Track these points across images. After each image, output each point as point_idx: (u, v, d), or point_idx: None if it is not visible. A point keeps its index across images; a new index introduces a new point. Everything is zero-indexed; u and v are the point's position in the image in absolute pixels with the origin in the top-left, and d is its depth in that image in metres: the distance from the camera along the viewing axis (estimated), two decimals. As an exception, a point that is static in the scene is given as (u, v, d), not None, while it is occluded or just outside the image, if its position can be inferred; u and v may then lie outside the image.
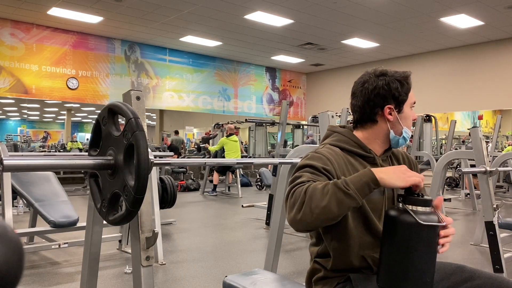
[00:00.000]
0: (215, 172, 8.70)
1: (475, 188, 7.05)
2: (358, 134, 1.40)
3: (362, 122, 1.40)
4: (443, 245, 1.16)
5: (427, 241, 1.12)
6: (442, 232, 1.15)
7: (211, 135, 12.65)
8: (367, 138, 1.39)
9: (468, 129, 12.51)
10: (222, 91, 12.85)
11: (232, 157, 8.10)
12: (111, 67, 10.65)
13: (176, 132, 14.01)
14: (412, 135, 1.39)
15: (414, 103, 1.42)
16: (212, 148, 8.86)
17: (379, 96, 1.35)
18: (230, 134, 8.42)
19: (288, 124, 9.25)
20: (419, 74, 11.67)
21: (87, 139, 19.01)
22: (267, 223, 5.07)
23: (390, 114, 1.36)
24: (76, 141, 14.86)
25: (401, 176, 1.12)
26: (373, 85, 1.36)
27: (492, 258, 3.16)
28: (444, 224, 1.13)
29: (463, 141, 13.24)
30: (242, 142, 13.94)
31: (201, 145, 12.30)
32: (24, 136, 22.60)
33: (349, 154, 1.35)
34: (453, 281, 1.29)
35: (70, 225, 3.45)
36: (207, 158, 9.38)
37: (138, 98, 1.59)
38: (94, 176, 1.45)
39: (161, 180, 4.80)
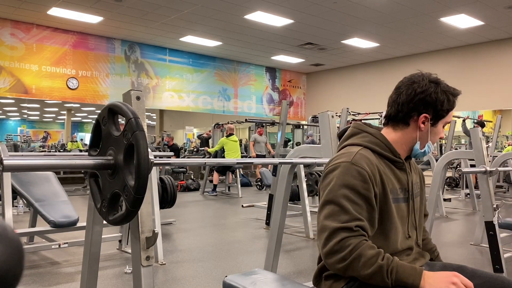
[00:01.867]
0: (215, 172, 8.70)
1: (475, 188, 7.05)
2: (388, 134, 1.38)
3: (395, 120, 1.37)
4: None
5: None
6: None
7: (210, 136, 12.66)
8: (396, 141, 1.37)
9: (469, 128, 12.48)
10: (222, 91, 12.85)
11: (232, 157, 8.10)
12: (111, 67, 10.66)
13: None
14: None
15: (448, 123, 1.40)
16: (212, 149, 8.87)
17: (423, 101, 1.32)
18: (230, 134, 8.42)
19: (288, 124, 9.26)
20: (419, 74, 11.66)
21: (81, 140, 18.99)
22: (267, 223, 5.07)
23: (424, 123, 1.33)
24: (76, 141, 14.74)
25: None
26: (422, 88, 1.32)
27: (492, 258, 3.16)
28: None
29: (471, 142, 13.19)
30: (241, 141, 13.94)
31: (200, 148, 12.28)
32: (24, 136, 22.61)
33: (380, 157, 1.34)
34: None
35: (70, 225, 3.45)
36: (207, 158, 9.38)
37: (138, 98, 1.59)
38: (94, 176, 1.45)
39: (161, 180, 4.80)
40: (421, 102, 1.31)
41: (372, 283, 1.20)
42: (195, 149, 12.84)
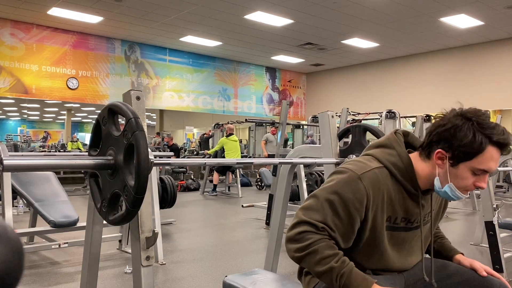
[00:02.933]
0: (215, 172, 8.70)
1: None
2: (417, 162, 1.27)
3: (426, 149, 1.25)
4: None
5: None
6: None
7: (210, 135, 12.65)
8: (419, 171, 1.26)
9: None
10: (222, 91, 12.85)
11: (232, 157, 8.10)
12: (111, 67, 10.66)
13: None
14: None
15: (485, 172, 1.18)
16: (212, 150, 8.86)
17: (440, 135, 1.20)
18: (230, 134, 8.42)
19: (288, 124, 9.25)
20: (419, 74, 11.67)
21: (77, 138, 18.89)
22: (267, 223, 5.07)
23: (441, 160, 1.21)
24: (77, 141, 14.62)
25: None
26: (445, 120, 1.20)
27: (492, 258, 3.16)
28: None
29: None
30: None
31: (199, 152, 12.27)
32: (24, 136, 22.62)
33: (396, 182, 1.26)
34: (437, 278, 1.34)
35: (70, 225, 3.45)
36: (207, 158, 9.38)
37: (138, 98, 1.59)
38: (94, 176, 1.45)
39: (161, 180, 4.80)
40: (438, 135, 1.20)
41: (323, 282, 1.24)
42: (194, 152, 12.83)
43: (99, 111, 1.42)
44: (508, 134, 1.17)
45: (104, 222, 1.56)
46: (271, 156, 9.28)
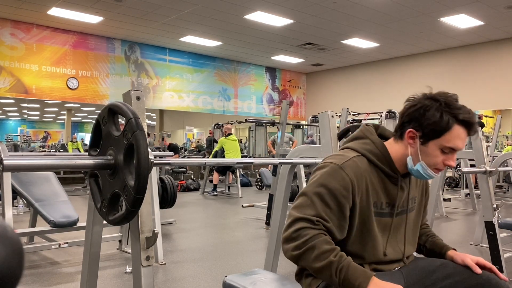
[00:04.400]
0: (215, 172, 8.69)
1: (475, 188, 7.05)
2: (391, 146, 1.34)
3: (398, 131, 1.33)
4: None
5: None
6: None
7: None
8: (395, 154, 1.33)
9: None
10: (222, 91, 12.85)
11: (232, 156, 8.09)
12: (111, 67, 10.66)
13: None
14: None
15: (453, 150, 1.26)
16: (212, 152, 8.83)
17: (411, 115, 1.27)
18: (229, 134, 8.41)
19: (288, 124, 9.25)
20: (419, 74, 11.67)
21: (81, 140, 18.90)
22: (267, 223, 5.07)
23: (412, 139, 1.28)
24: (76, 141, 14.49)
25: None
26: (416, 101, 1.28)
27: (492, 258, 3.16)
28: None
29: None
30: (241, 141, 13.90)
31: (206, 150, 12.22)
32: (24, 136, 22.63)
33: (375, 168, 1.32)
34: (435, 278, 1.35)
35: (70, 225, 3.45)
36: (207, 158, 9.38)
37: (138, 98, 1.59)
38: (94, 176, 1.45)
39: (161, 180, 4.80)
40: (409, 116, 1.28)
41: (321, 278, 1.24)
42: (198, 150, 12.77)
43: (99, 111, 1.42)
44: (473, 115, 1.25)
45: (104, 222, 1.56)
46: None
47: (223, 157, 8.16)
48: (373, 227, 1.30)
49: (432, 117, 1.23)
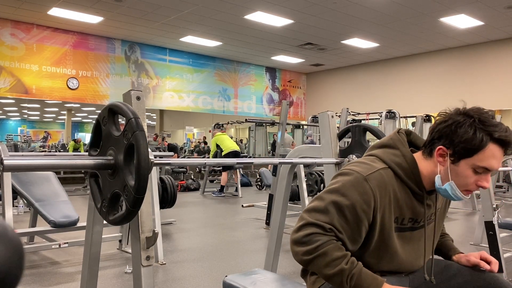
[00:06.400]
0: (223, 172, 8.59)
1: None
2: (420, 162, 1.26)
3: (428, 147, 1.25)
4: None
5: None
6: None
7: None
8: (423, 170, 1.25)
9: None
10: (222, 91, 12.85)
11: (231, 147, 7.99)
12: (111, 67, 10.66)
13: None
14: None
15: (487, 170, 1.16)
16: (211, 153, 8.77)
17: (441, 131, 1.19)
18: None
19: (288, 124, 9.25)
20: (419, 74, 11.67)
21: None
22: (267, 223, 5.07)
23: (442, 157, 1.20)
24: (80, 143, 14.29)
25: None
26: (447, 117, 1.19)
27: (492, 258, 3.16)
28: None
29: None
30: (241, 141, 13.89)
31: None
32: (24, 136, 22.65)
33: (401, 182, 1.25)
34: (439, 280, 1.35)
35: (70, 225, 3.45)
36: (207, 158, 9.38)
37: (138, 98, 1.59)
38: (94, 176, 1.45)
39: (161, 180, 4.80)
40: (439, 132, 1.20)
41: (332, 284, 1.19)
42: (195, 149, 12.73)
43: (99, 111, 1.42)
44: (511, 133, 1.15)
45: (104, 222, 1.56)
46: (283, 156, 9.20)
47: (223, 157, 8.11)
48: (393, 242, 1.25)
49: (464, 134, 1.14)
